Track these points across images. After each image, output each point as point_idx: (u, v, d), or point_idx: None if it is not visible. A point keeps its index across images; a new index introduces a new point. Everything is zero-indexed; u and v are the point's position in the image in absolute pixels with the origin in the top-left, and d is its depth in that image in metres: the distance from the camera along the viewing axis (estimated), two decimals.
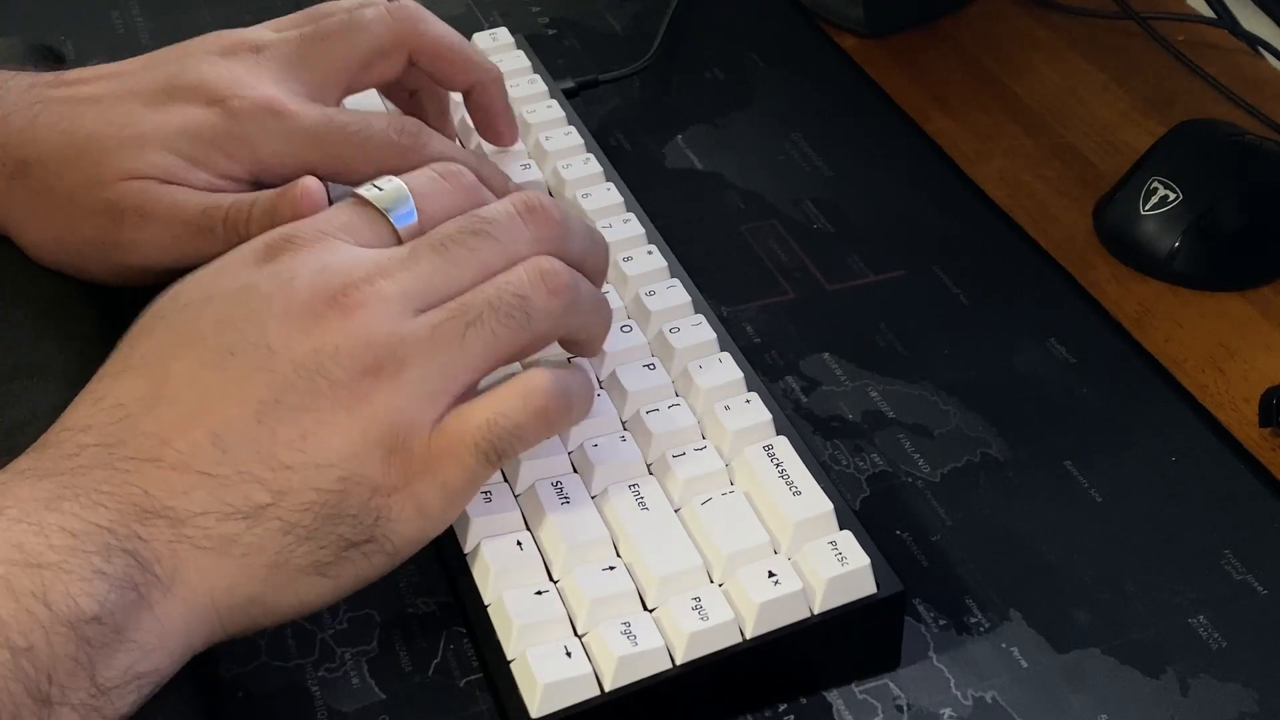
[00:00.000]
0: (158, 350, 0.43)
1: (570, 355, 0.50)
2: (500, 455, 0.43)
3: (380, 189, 0.47)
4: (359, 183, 0.56)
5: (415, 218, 0.47)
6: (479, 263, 0.45)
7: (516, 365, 0.48)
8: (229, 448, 0.41)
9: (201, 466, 0.41)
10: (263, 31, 0.58)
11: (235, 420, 0.41)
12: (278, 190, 0.52)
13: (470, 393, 0.44)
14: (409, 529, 0.43)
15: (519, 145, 0.63)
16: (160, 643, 0.39)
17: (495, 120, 0.61)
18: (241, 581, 0.41)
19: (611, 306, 0.50)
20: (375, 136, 0.54)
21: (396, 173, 0.54)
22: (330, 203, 0.60)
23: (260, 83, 0.55)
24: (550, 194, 0.61)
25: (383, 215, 0.47)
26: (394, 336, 0.43)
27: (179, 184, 0.53)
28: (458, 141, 0.64)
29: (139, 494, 0.40)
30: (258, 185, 0.54)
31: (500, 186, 0.56)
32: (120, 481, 0.40)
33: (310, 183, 0.51)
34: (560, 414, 0.44)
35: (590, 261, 0.49)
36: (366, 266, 0.44)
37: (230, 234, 0.52)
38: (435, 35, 0.58)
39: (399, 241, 0.47)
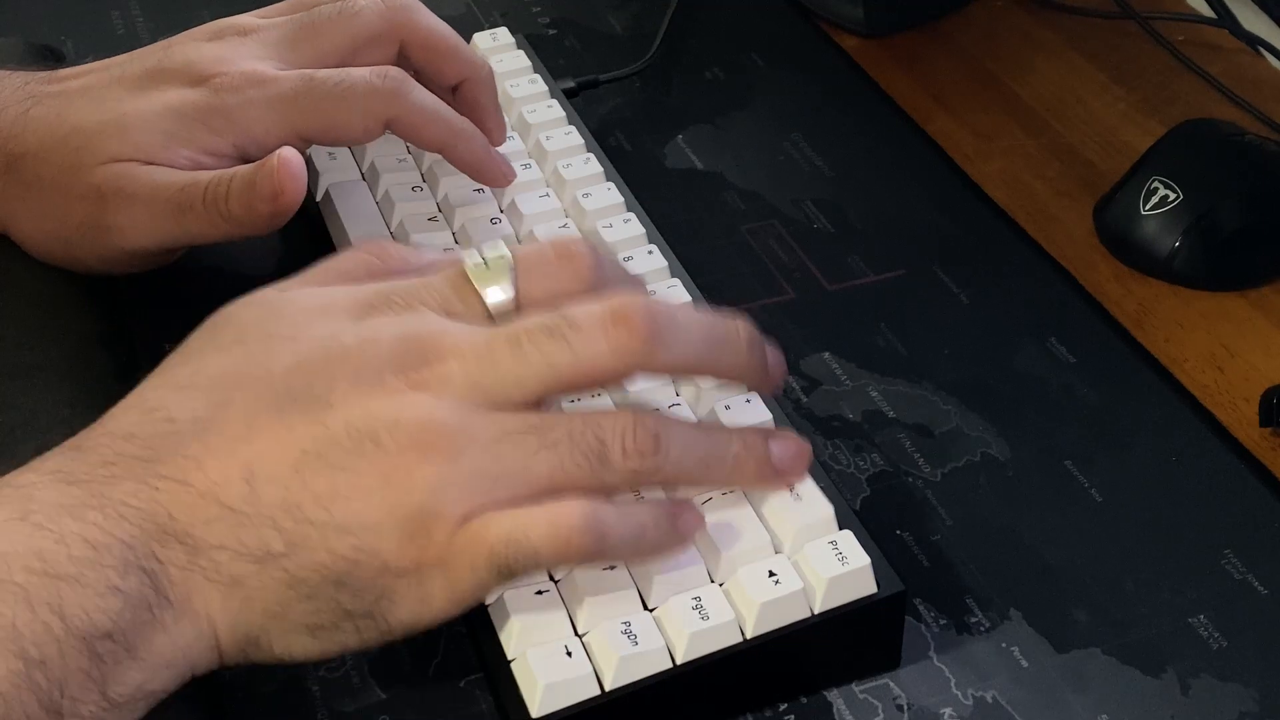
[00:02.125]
0: (226, 376, 0.42)
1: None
2: (512, 574, 0.41)
3: (484, 260, 0.45)
4: (351, 140, 0.56)
5: (510, 295, 0.44)
6: (548, 365, 0.42)
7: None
8: (259, 488, 0.40)
9: (227, 500, 0.40)
10: (251, 18, 0.58)
11: (273, 463, 0.40)
12: (255, 164, 0.51)
13: (510, 504, 0.42)
14: (407, 615, 0.41)
15: (519, 145, 0.63)
16: (169, 663, 0.39)
17: (484, 117, 0.60)
18: (241, 621, 0.40)
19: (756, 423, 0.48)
20: (357, 86, 0.54)
21: (384, 122, 0.54)
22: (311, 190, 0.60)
23: (243, 59, 0.55)
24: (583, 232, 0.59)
25: (477, 294, 0.44)
26: (458, 424, 0.41)
27: (161, 164, 0.53)
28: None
29: (164, 515, 0.39)
30: (246, 160, 0.54)
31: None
32: (148, 498, 0.39)
33: (287, 153, 0.51)
34: (585, 551, 0.42)
35: (711, 366, 0.45)
36: (445, 347, 0.42)
37: (210, 210, 0.52)
38: (428, 27, 0.58)
39: (489, 317, 0.45)
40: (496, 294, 0.44)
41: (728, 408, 0.49)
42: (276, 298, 0.44)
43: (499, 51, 0.69)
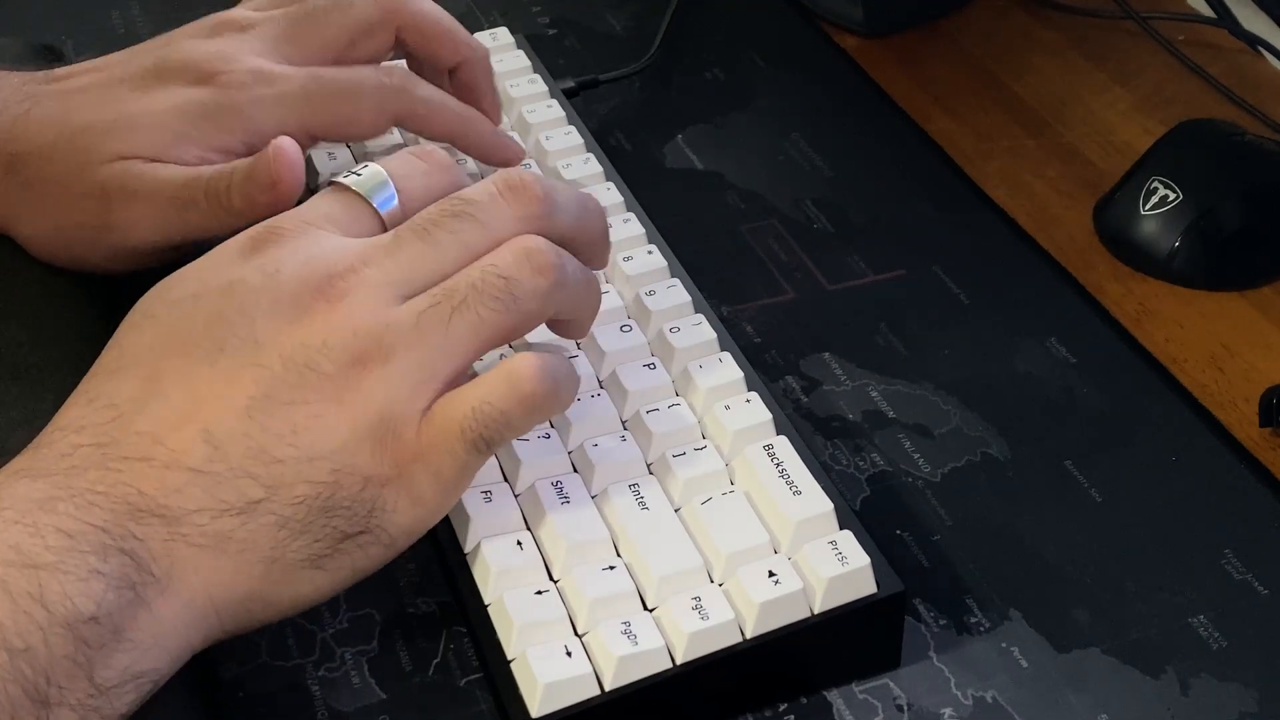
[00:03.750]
0: (148, 349, 0.43)
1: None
2: (489, 443, 0.43)
3: (359, 174, 0.47)
4: (360, 136, 0.56)
5: (396, 200, 0.47)
6: (462, 245, 0.45)
7: (507, 349, 0.48)
8: (220, 444, 0.41)
9: (194, 464, 0.41)
10: (247, 11, 0.58)
11: (226, 417, 0.41)
12: (254, 156, 0.51)
13: (461, 378, 0.44)
14: (404, 519, 0.42)
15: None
16: (158, 642, 0.39)
17: (480, 99, 0.60)
18: (238, 578, 0.41)
19: (608, 302, 0.50)
20: (365, 84, 0.54)
21: (393, 117, 0.55)
22: (312, 188, 0.60)
23: (246, 55, 0.55)
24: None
25: (364, 200, 0.46)
26: (380, 325, 0.43)
27: (170, 162, 0.53)
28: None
29: (133, 493, 0.40)
30: None
31: (492, 146, 0.57)
32: (114, 481, 0.40)
33: (284, 141, 0.51)
34: (547, 399, 0.44)
35: (583, 234, 0.48)
36: (351, 255, 0.44)
37: (213, 205, 0.52)
38: (423, 12, 0.58)
39: (383, 227, 0.46)
40: (386, 199, 0.46)
41: (727, 408, 0.49)
42: (171, 275, 0.45)
43: (499, 51, 0.69)
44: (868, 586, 0.45)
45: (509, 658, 0.44)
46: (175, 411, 0.41)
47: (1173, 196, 0.63)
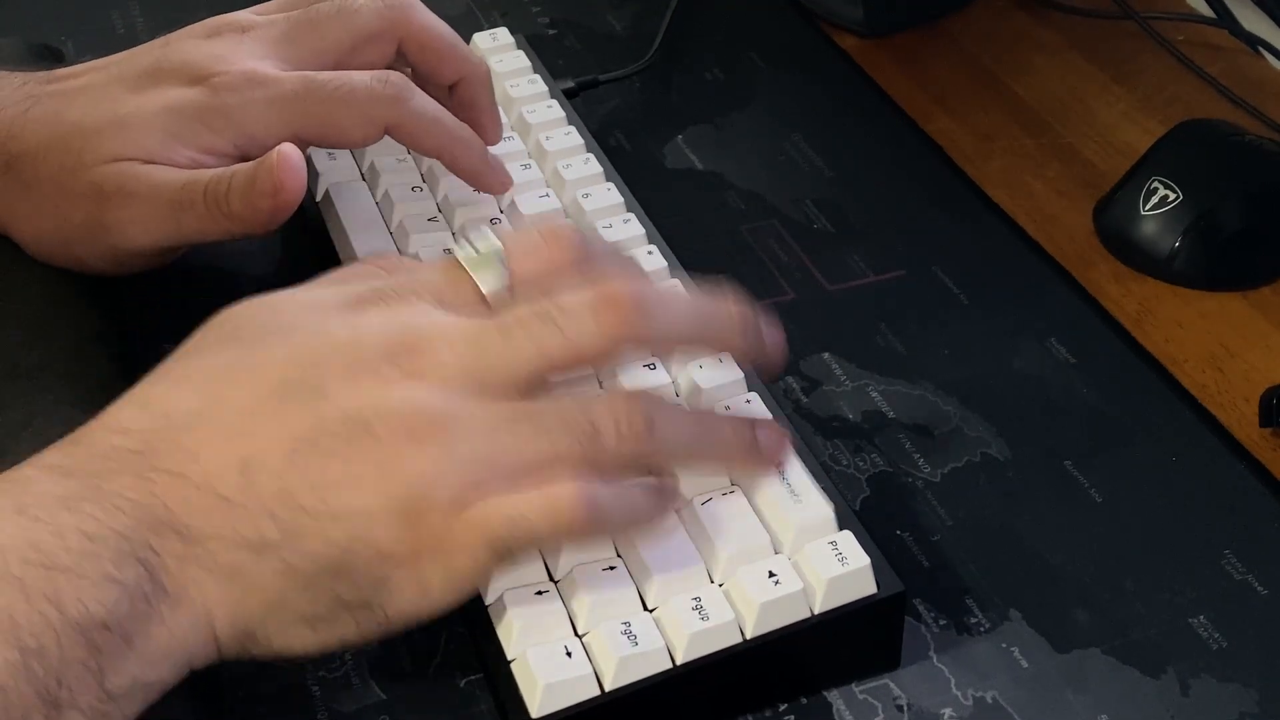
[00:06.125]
0: (221, 371, 0.42)
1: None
2: (511, 554, 0.42)
3: (475, 249, 0.46)
4: (350, 144, 0.56)
5: (505, 280, 0.45)
6: (540, 353, 0.43)
7: None
8: (253, 478, 0.40)
9: (223, 490, 0.40)
10: (249, 15, 0.58)
11: (269, 452, 0.41)
12: (255, 161, 0.51)
13: (504, 489, 0.42)
14: (406, 605, 0.42)
15: (519, 145, 0.63)
16: (166, 654, 0.39)
17: (480, 115, 0.59)
18: (240, 612, 0.40)
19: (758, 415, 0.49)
20: (358, 91, 0.54)
21: (384, 127, 0.54)
22: (311, 190, 0.60)
23: (242, 57, 0.54)
24: (568, 217, 0.60)
25: (470, 279, 0.45)
26: (441, 411, 0.42)
27: (162, 163, 0.53)
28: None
29: (160, 506, 0.40)
30: (246, 159, 0.54)
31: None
32: (144, 490, 0.40)
33: (286, 148, 0.51)
34: (584, 529, 0.42)
35: (698, 338, 0.47)
36: (435, 336, 0.43)
37: (211, 208, 0.52)
38: (426, 26, 0.58)
39: (485, 303, 0.45)
40: (490, 280, 0.45)
41: (728, 408, 0.49)
42: (272, 298, 0.45)
43: (499, 51, 0.69)
44: (868, 587, 0.45)
45: (509, 658, 0.44)
46: (222, 435, 0.41)
47: (1173, 196, 0.63)
